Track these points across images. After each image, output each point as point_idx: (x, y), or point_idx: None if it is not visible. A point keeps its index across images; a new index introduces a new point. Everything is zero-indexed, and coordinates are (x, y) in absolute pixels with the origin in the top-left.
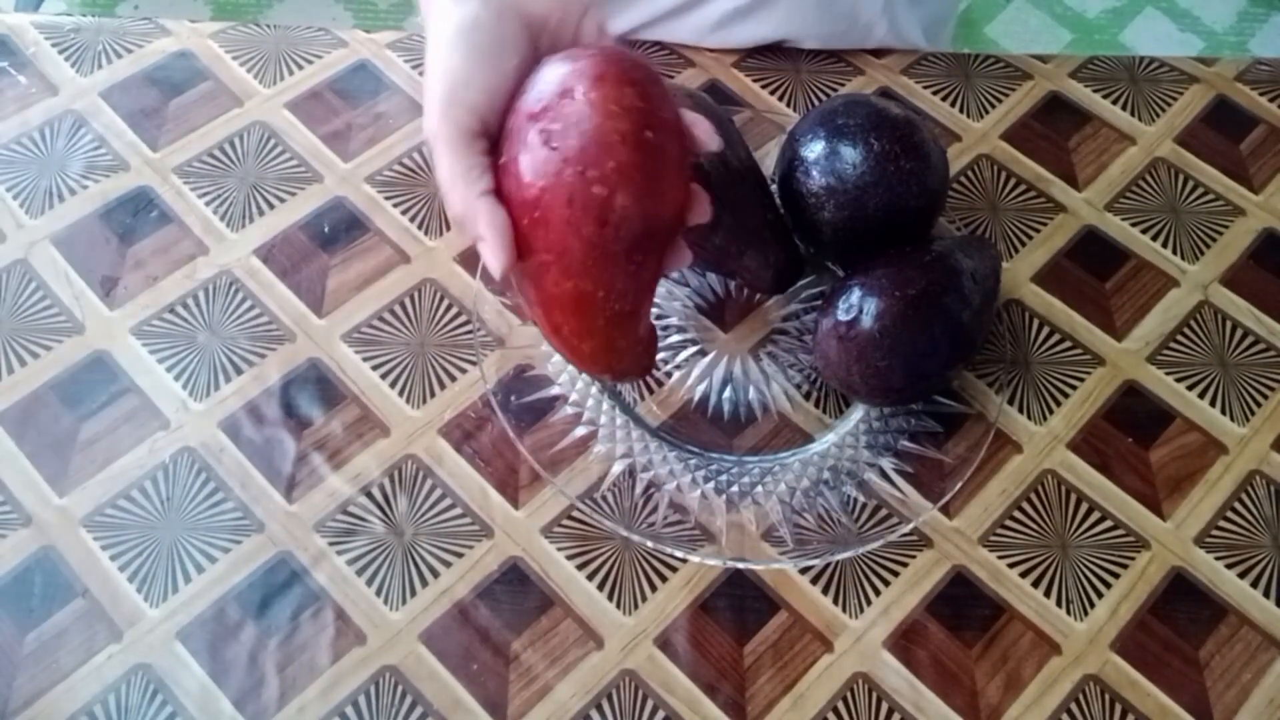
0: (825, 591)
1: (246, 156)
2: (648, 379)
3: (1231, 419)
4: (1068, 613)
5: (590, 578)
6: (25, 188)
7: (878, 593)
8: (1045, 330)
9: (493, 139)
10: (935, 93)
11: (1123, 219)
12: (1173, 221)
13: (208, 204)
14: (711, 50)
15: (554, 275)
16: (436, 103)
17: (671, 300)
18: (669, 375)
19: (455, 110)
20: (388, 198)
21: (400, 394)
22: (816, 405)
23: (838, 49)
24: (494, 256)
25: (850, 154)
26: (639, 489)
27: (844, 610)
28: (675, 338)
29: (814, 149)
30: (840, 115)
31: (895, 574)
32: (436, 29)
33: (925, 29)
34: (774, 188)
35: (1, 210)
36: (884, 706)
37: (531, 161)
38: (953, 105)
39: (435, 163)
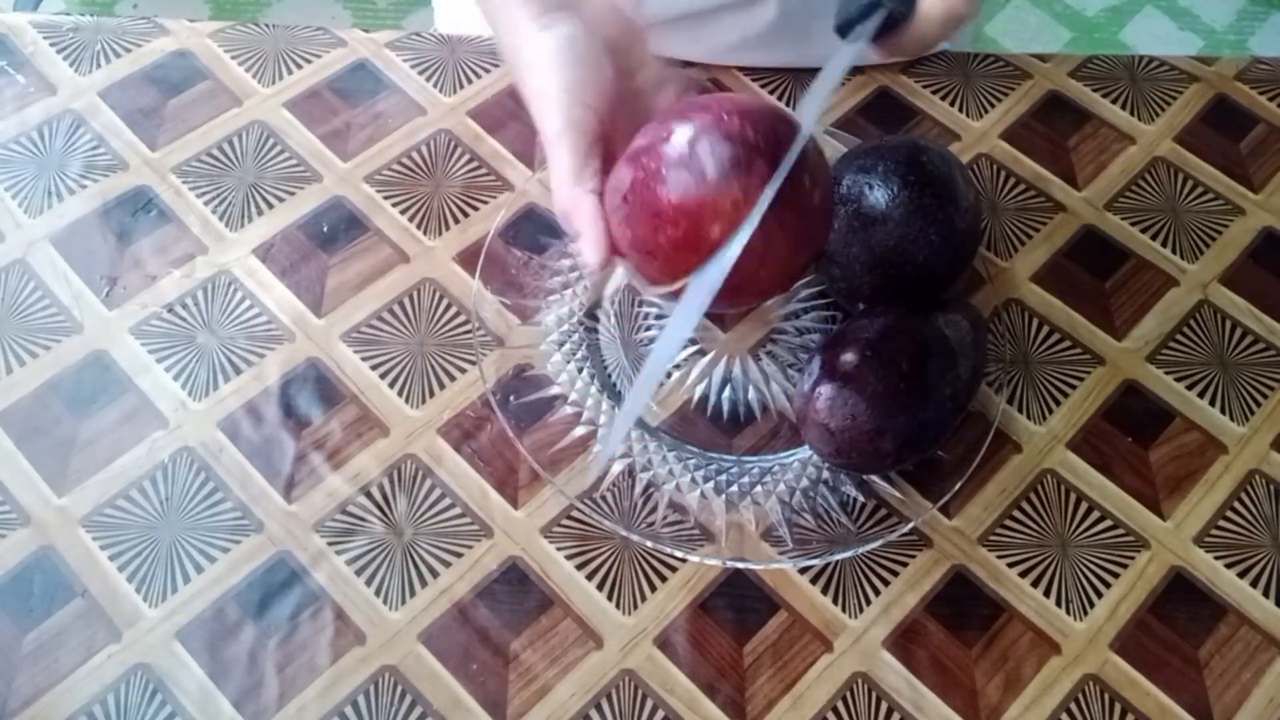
0: (825, 591)
1: (245, 156)
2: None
3: (1231, 418)
4: (1067, 612)
5: (590, 577)
6: (24, 187)
7: (877, 592)
8: (1045, 330)
9: (605, 140)
10: (935, 92)
11: (1122, 218)
12: (1172, 221)
13: (206, 203)
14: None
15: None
16: (558, 105)
17: (671, 300)
18: (669, 375)
19: (577, 111)
20: (387, 197)
21: (399, 394)
22: None
23: None
24: (591, 249)
25: (895, 227)
26: (638, 489)
27: (843, 610)
28: None
29: (868, 192)
30: (912, 176)
31: (895, 574)
32: (533, 47)
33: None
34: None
35: (0, 210)
36: (883, 706)
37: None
38: (952, 105)
39: (552, 159)
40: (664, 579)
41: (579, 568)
